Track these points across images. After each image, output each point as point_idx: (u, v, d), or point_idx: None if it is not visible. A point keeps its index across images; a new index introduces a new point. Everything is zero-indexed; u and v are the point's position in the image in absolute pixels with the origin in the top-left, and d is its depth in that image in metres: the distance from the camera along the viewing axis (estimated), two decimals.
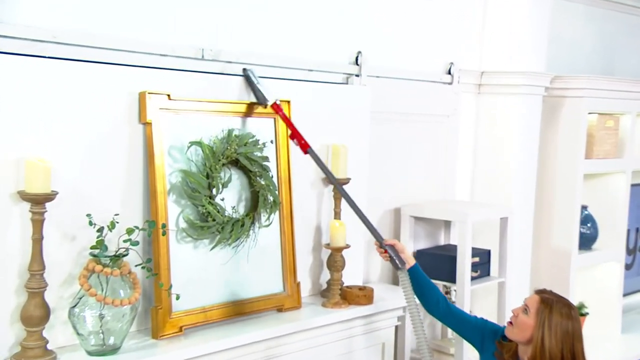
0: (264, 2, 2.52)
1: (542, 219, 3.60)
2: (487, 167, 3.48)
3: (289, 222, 2.47)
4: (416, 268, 2.33)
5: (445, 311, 2.31)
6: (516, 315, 2.16)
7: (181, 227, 2.17)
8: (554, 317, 2.09)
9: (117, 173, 2.07)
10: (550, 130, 3.58)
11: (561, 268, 3.56)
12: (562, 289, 3.52)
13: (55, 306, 1.94)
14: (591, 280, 3.87)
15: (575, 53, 4.04)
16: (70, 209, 1.96)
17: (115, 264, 1.94)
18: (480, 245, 3.14)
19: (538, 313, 2.10)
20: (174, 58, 2.26)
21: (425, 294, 2.32)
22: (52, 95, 1.93)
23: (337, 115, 2.72)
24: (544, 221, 3.60)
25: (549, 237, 3.60)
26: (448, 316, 2.32)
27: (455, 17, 3.31)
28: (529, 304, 2.14)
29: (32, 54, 1.93)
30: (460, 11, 3.35)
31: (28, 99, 1.88)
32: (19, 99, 1.87)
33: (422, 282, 2.32)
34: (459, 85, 3.31)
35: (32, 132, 1.89)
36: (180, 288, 2.10)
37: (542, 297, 2.15)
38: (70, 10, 2.02)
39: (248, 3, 2.46)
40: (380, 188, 3.01)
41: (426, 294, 2.32)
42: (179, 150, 2.18)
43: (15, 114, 1.86)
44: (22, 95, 1.87)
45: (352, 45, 2.85)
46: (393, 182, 3.11)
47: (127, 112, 2.08)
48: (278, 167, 2.45)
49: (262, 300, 2.38)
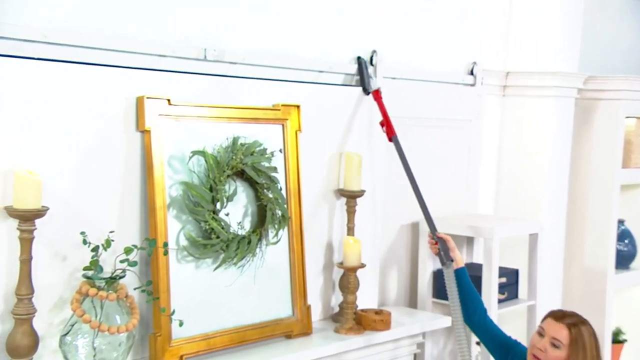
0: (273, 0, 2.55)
1: (574, 235, 3.62)
2: (513, 177, 3.50)
3: (298, 238, 2.50)
4: (463, 271, 2.50)
5: (481, 323, 2.46)
6: (544, 349, 2.21)
7: (182, 245, 2.19)
8: (587, 344, 2.19)
9: (113, 186, 2.09)
10: (584, 136, 3.60)
11: (596, 289, 3.58)
12: (597, 313, 3.54)
13: (44, 334, 1.95)
14: (629, 302, 3.89)
15: (610, 51, 4.07)
16: (61, 225, 1.98)
17: (111, 287, 1.95)
18: (505, 264, 3.16)
19: (572, 345, 2.18)
20: (174, 59, 2.28)
21: (465, 300, 2.47)
22: (42, 100, 1.95)
23: (350, 121, 2.74)
24: (576, 237, 3.62)
25: (582, 255, 3.62)
26: (482, 328, 2.47)
27: (477, 12, 3.35)
28: (559, 337, 2.19)
29: (20, 55, 1.95)
30: (484, 5, 3.38)
31: (15, 105, 1.90)
32: (5, 104, 1.89)
33: (465, 287, 2.48)
34: (483, 87, 3.34)
35: (20, 141, 1.91)
36: (181, 313, 2.12)
37: (569, 326, 2.20)
38: (61, 7, 2.05)
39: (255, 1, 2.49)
40: (396, 200, 3.03)
41: (466, 301, 2.47)
42: (180, 160, 2.21)
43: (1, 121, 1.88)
44: (9, 100, 1.89)
45: (366, 43, 2.88)
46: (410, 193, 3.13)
47: (124, 118, 2.11)
48: (287, 179, 2.48)
49: (269, 326, 2.39)
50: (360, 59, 2.79)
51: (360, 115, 2.77)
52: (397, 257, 3.09)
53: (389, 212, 2.96)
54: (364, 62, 2.78)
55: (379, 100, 2.72)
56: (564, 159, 3.52)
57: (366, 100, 2.80)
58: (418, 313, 2.96)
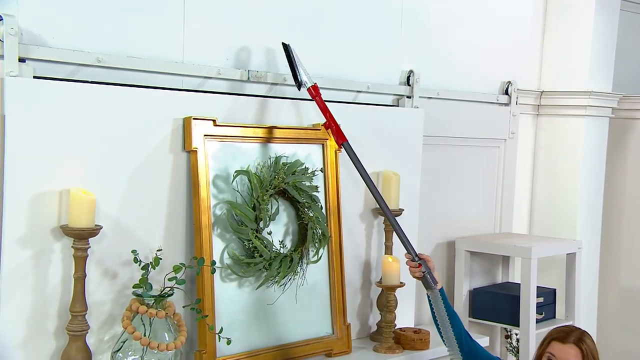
0: (309, 20, 2.60)
1: (609, 254, 3.61)
2: (548, 197, 3.51)
3: (338, 257, 2.53)
4: (442, 292, 2.25)
5: (467, 345, 2.24)
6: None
7: (226, 263, 2.23)
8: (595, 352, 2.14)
9: (160, 205, 2.15)
10: (618, 156, 3.61)
11: (633, 310, 3.56)
12: (634, 333, 3.52)
13: (96, 350, 2.00)
14: None
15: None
16: (111, 244, 2.03)
17: (160, 305, 1.99)
18: (539, 284, 3.16)
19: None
20: (219, 80, 2.34)
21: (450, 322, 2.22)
22: (95, 122, 2.01)
23: (387, 140, 2.78)
24: (611, 257, 3.62)
25: (617, 275, 3.61)
26: (468, 351, 2.24)
27: (512, 32, 3.38)
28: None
29: (75, 79, 2.02)
30: (518, 26, 3.41)
31: (70, 127, 1.97)
32: (61, 126, 1.95)
33: (448, 309, 2.23)
34: (517, 107, 3.36)
35: (75, 162, 1.97)
36: (224, 330, 2.15)
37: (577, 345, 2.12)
38: (113, 32, 2.12)
39: (293, 22, 2.55)
40: (432, 219, 3.06)
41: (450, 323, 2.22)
42: (224, 180, 2.25)
43: (56, 142, 1.94)
44: (65, 122, 1.96)
45: (403, 64, 2.92)
46: (446, 212, 3.15)
47: (171, 139, 2.16)
48: (327, 198, 2.51)
49: (310, 344, 2.42)
50: (285, 44, 2.37)
51: (397, 134, 2.81)
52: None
53: (425, 231, 2.98)
54: (291, 49, 2.35)
55: (317, 97, 2.36)
56: (598, 179, 3.53)
57: (404, 119, 2.83)
58: None
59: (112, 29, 2.11)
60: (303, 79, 2.37)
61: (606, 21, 3.48)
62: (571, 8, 3.45)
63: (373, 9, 2.80)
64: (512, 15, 3.39)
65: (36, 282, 1.92)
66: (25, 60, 1.92)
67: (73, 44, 2.02)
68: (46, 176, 1.93)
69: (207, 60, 2.32)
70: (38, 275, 1.92)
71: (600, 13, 3.43)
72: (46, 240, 1.93)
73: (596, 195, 3.53)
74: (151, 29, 2.19)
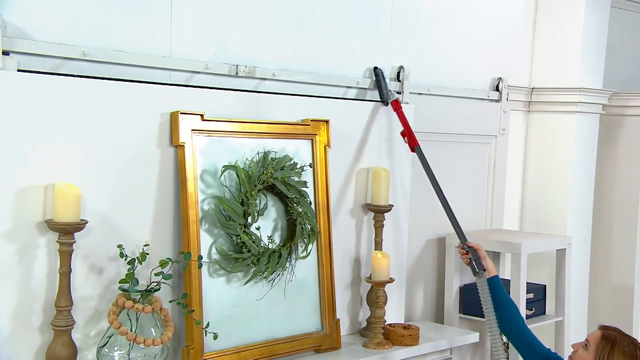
0: (299, 17, 2.59)
1: (600, 251, 3.62)
2: (538, 193, 3.51)
3: (327, 253, 2.52)
4: (496, 280, 2.43)
5: (520, 331, 2.38)
6: (576, 350, 2.21)
7: (214, 258, 2.22)
8: (616, 355, 2.14)
9: (147, 200, 2.13)
10: (609, 152, 3.61)
11: (623, 306, 3.57)
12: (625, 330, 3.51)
13: (81, 345, 1.99)
14: None
15: (635, 67, 4.08)
16: (97, 238, 2.02)
17: (146, 300, 1.98)
18: (529, 280, 3.16)
19: (598, 349, 2.15)
20: (207, 75, 2.33)
21: (500, 308, 2.39)
22: (81, 116, 2.00)
23: (377, 136, 2.77)
24: (601, 253, 3.62)
25: (608, 271, 3.62)
26: (520, 337, 2.38)
27: (503, 29, 3.38)
28: (590, 340, 2.19)
29: (62, 73, 2.00)
30: (508, 22, 3.41)
31: (56, 120, 1.95)
32: (46, 120, 1.93)
33: (500, 295, 2.41)
34: (508, 103, 3.36)
35: (60, 156, 1.96)
36: (212, 326, 2.14)
37: (605, 333, 2.19)
38: (99, 26, 2.10)
39: (283, 18, 2.54)
40: (423, 215, 3.05)
41: (502, 309, 2.39)
42: (212, 175, 2.24)
43: (41, 137, 1.93)
44: (50, 116, 1.94)
45: (393, 60, 2.91)
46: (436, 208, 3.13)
47: (158, 133, 2.15)
48: (316, 193, 2.50)
49: (298, 340, 2.41)
50: (377, 69, 2.79)
51: (387, 130, 2.80)
52: (423, 272, 3.10)
53: (415, 227, 2.97)
54: (381, 72, 2.78)
55: (399, 110, 2.74)
56: (588, 175, 3.53)
57: (394, 115, 2.82)
58: (445, 328, 2.97)
59: (98, 22, 2.10)
60: (388, 96, 2.75)
61: (597, 18, 3.48)
62: (562, 5, 3.45)
63: (363, 5, 2.79)
64: (503, 11, 3.39)
65: (21, 277, 1.90)
66: (9, 53, 1.91)
67: (58, 37, 2.01)
68: (31, 170, 1.91)
69: (195, 55, 2.31)
70: (23, 270, 1.90)
71: (591, 10, 3.43)
72: (31, 235, 1.91)
73: (587, 191, 3.53)
74: (138, 22, 2.18)
